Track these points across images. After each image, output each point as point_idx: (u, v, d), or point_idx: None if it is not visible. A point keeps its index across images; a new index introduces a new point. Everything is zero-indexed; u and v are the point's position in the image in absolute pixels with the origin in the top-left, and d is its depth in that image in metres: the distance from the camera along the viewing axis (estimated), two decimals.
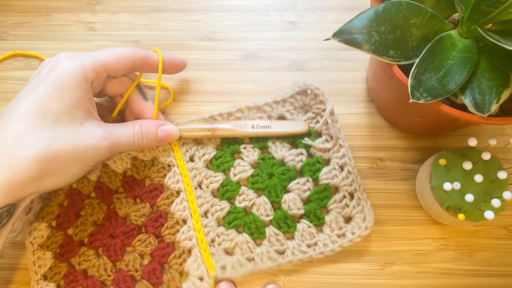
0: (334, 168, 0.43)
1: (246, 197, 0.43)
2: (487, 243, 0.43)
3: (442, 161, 0.39)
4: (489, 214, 0.36)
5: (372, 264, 0.43)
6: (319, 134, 0.45)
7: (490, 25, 0.35)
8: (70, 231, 0.42)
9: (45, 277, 0.40)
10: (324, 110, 0.44)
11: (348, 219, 0.43)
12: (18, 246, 0.43)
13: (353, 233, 0.41)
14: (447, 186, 0.37)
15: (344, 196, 0.43)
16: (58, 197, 0.42)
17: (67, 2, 0.52)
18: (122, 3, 0.52)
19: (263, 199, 0.43)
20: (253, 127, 0.44)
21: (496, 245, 0.43)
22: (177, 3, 0.52)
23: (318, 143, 0.44)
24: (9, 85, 0.48)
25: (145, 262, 0.42)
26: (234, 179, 0.44)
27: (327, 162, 0.44)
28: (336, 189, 0.43)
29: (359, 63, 0.49)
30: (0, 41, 0.50)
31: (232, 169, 0.44)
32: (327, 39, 0.33)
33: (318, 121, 0.45)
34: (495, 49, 0.34)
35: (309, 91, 0.45)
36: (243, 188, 0.43)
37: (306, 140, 0.44)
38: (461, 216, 0.38)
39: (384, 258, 0.43)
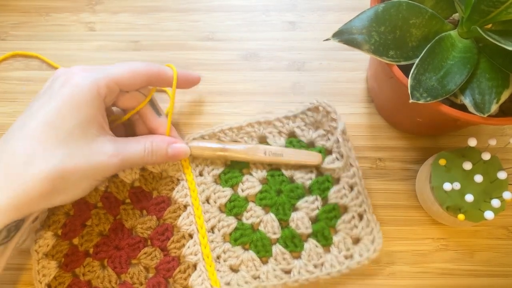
0: (344, 188, 0.42)
1: (254, 214, 0.43)
2: (487, 243, 0.43)
3: (442, 161, 0.39)
4: (489, 214, 0.36)
5: (372, 264, 0.42)
6: (329, 152, 0.44)
7: (490, 25, 0.35)
8: (75, 241, 0.42)
9: (49, 287, 0.40)
10: (335, 128, 0.43)
11: (356, 240, 0.42)
12: (23, 251, 0.43)
13: (361, 255, 0.40)
14: (447, 186, 0.37)
15: (353, 217, 0.42)
16: (64, 206, 0.42)
17: (67, 2, 0.52)
18: (122, 3, 0.52)
19: (271, 216, 0.42)
20: (265, 153, 0.43)
21: (496, 245, 0.43)
22: (177, 3, 0.52)
23: (328, 161, 0.43)
24: (9, 85, 0.48)
25: (150, 275, 0.42)
26: (242, 194, 0.43)
27: (337, 180, 0.43)
28: (345, 209, 0.43)
29: (359, 63, 0.49)
30: (0, 41, 0.50)
31: (240, 184, 0.43)
32: (327, 39, 0.33)
33: (329, 139, 0.44)
34: (495, 49, 0.34)
35: (321, 108, 0.44)
36: (251, 204, 0.43)
37: None
38: (461, 216, 0.38)
39: (384, 258, 0.43)
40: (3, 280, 0.42)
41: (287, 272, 0.41)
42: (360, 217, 0.42)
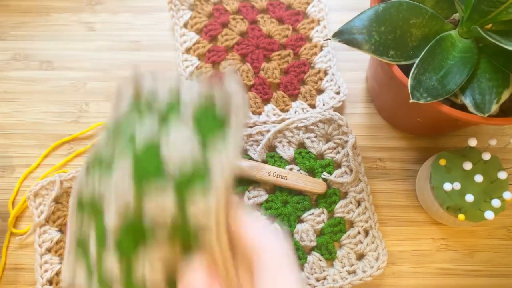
0: (351, 202, 0.42)
1: None
2: (487, 243, 0.43)
3: (442, 161, 0.39)
4: (489, 214, 0.36)
5: None
6: (338, 165, 0.44)
7: (490, 25, 0.35)
8: None
9: (50, 282, 0.40)
10: (346, 141, 0.43)
11: (360, 256, 0.42)
12: (24, 247, 0.43)
13: (364, 272, 0.40)
14: (447, 186, 0.37)
15: (359, 232, 0.42)
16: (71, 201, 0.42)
17: (67, 2, 0.52)
18: (122, 3, 0.52)
19: (276, 226, 0.42)
20: (269, 173, 0.42)
21: (496, 245, 0.43)
22: None
23: (336, 174, 0.43)
24: (9, 85, 0.48)
25: None
26: (248, 202, 0.43)
27: (344, 195, 0.43)
28: (351, 224, 0.43)
29: (359, 63, 0.49)
30: (0, 41, 0.50)
31: (246, 192, 0.43)
32: (327, 39, 0.33)
33: (338, 152, 0.44)
34: (495, 49, 0.34)
35: (332, 121, 0.44)
36: (256, 213, 0.43)
37: (325, 175, 0.43)
38: (461, 217, 0.38)
39: None
40: (3, 280, 0.42)
41: None
42: (366, 233, 0.42)
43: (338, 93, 0.46)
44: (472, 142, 0.38)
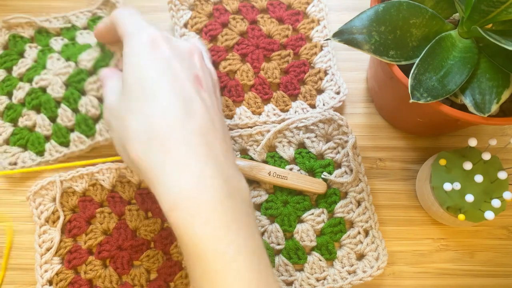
0: (351, 202, 0.43)
1: (258, 223, 0.42)
2: (487, 243, 0.43)
3: (442, 161, 0.39)
4: (489, 214, 0.36)
5: None
6: (338, 165, 0.44)
7: (490, 25, 0.35)
8: (79, 238, 0.42)
9: (50, 283, 0.40)
10: (346, 141, 0.44)
11: (360, 256, 0.42)
12: (24, 248, 0.43)
13: (364, 272, 0.41)
14: (447, 186, 0.37)
15: (359, 232, 0.42)
16: (70, 202, 0.42)
17: (67, 2, 0.52)
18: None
19: (276, 226, 0.42)
20: (269, 173, 0.42)
21: (496, 245, 0.43)
22: None
23: (336, 174, 0.43)
24: None
25: (152, 277, 0.42)
26: None
27: (344, 195, 0.43)
28: (351, 224, 0.43)
29: (359, 63, 0.49)
30: None
31: None
32: (327, 39, 0.33)
33: (338, 152, 0.44)
34: (495, 49, 0.34)
35: (332, 121, 0.44)
36: (256, 214, 0.43)
37: (325, 175, 0.43)
38: (461, 217, 0.38)
39: None
40: (3, 280, 0.42)
41: (289, 284, 0.41)
42: (366, 233, 0.42)
43: (338, 93, 0.46)
44: (472, 142, 0.38)
